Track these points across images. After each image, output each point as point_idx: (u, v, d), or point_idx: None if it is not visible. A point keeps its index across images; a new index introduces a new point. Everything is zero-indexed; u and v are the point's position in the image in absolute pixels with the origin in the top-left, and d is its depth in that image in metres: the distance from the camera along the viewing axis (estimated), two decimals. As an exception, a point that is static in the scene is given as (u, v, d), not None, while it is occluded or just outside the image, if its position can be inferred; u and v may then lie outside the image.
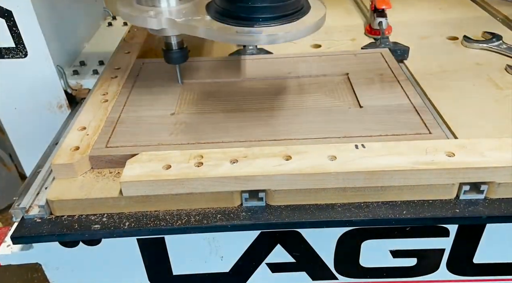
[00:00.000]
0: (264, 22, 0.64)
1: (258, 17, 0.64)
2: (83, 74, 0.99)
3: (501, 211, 0.61)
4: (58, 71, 0.94)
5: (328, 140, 0.67)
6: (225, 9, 0.66)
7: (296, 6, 0.67)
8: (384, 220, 0.61)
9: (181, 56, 0.80)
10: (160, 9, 0.71)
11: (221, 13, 0.67)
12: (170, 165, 0.62)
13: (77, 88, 0.98)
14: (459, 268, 0.70)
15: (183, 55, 0.81)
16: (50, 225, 0.61)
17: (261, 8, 0.64)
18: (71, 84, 0.97)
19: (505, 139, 0.64)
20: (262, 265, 0.69)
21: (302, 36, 0.65)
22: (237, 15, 0.65)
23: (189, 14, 0.69)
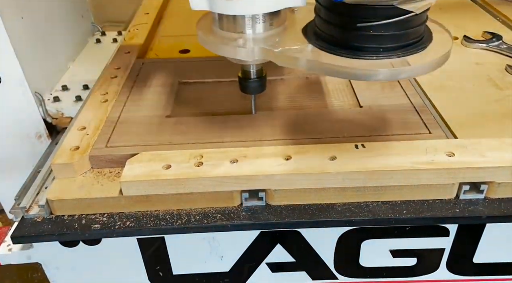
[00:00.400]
0: (385, 53, 0.53)
1: (378, 47, 0.53)
2: (64, 101, 0.90)
3: (501, 211, 0.61)
4: (35, 98, 0.85)
5: (328, 140, 0.67)
6: (334, 37, 0.55)
7: (421, 33, 0.55)
8: (384, 220, 0.61)
9: (260, 85, 0.70)
10: (249, 36, 0.60)
11: (327, 41, 0.56)
12: (170, 164, 0.62)
13: (58, 116, 0.88)
14: (459, 268, 0.70)
15: (261, 84, 0.70)
16: (50, 224, 0.61)
17: (384, 37, 0.52)
18: (51, 113, 0.88)
19: (505, 139, 0.64)
20: (262, 265, 0.69)
21: (430, 70, 0.53)
22: (350, 44, 0.53)
23: (286, 42, 0.58)
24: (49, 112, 0.88)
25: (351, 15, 0.52)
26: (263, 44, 0.59)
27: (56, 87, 0.95)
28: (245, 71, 0.68)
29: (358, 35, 0.53)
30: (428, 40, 0.56)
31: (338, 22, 0.54)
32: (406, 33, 0.53)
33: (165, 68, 0.91)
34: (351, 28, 0.52)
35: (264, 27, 0.59)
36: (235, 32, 0.60)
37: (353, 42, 0.53)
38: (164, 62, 0.96)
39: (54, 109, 0.89)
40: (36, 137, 0.88)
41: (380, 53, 0.53)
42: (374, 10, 0.51)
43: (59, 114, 0.89)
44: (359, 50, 0.53)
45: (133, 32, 1.08)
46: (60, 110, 0.89)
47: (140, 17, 1.18)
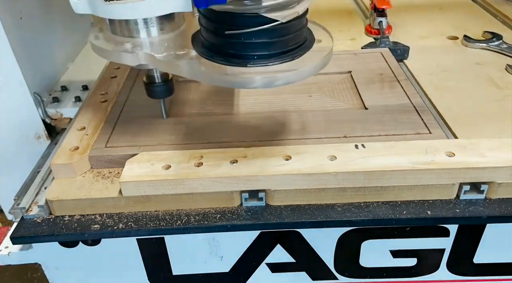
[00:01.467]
0: (259, 60, 0.53)
1: (252, 55, 0.53)
2: (64, 102, 0.89)
3: (501, 211, 0.60)
4: (34, 99, 0.84)
5: (328, 140, 0.67)
6: (212, 43, 0.55)
7: (298, 40, 0.55)
8: (384, 220, 0.60)
9: (165, 90, 0.69)
10: (138, 40, 0.59)
11: (208, 48, 0.56)
12: (170, 165, 0.62)
13: (57, 117, 0.87)
14: (459, 268, 0.70)
15: (167, 89, 0.69)
16: (50, 225, 0.61)
17: (257, 45, 0.52)
18: (50, 113, 0.87)
19: (505, 139, 0.64)
20: (262, 265, 0.69)
21: (305, 77, 0.54)
22: (227, 52, 0.54)
23: (172, 48, 0.58)
24: (48, 113, 0.88)
25: (220, 22, 0.52)
26: (149, 49, 0.58)
27: (55, 88, 0.95)
28: (150, 76, 0.68)
29: (231, 42, 0.53)
30: (308, 47, 0.56)
31: (212, 29, 0.54)
32: (279, 41, 0.53)
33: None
34: (221, 35, 0.52)
35: (150, 31, 0.59)
36: (124, 36, 0.60)
37: (227, 49, 0.54)
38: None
39: (53, 110, 0.88)
40: (36, 138, 0.87)
41: (255, 60, 0.53)
42: (240, 18, 0.51)
43: (58, 115, 0.88)
44: (234, 57, 0.53)
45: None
46: (59, 111, 0.88)
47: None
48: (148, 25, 0.59)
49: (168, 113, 0.77)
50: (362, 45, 1.00)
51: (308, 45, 0.57)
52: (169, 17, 0.59)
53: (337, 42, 1.04)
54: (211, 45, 0.56)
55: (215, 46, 0.55)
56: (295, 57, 0.54)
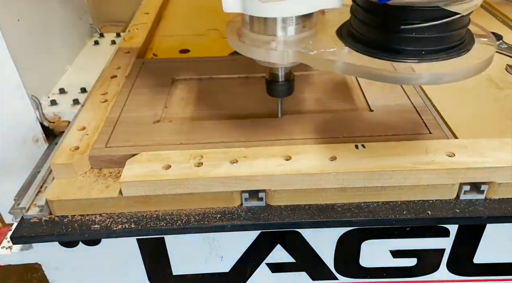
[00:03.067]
0: (427, 56, 0.51)
1: (420, 50, 0.51)
2: (62, 105, 0.88)
3: (501, 211, 0.60)
4: (32, 102, 0.84)
5: (328, 140, 0.67)
6: (372, 38, 0.53)
7: (462, 36, 0.53)
8: (384, 220, 0.60)
9: (287, 88, 0.68)
10: (282, 38, 0.58)
11: (364, 43, 0.54)
12: (170, 165, 0.62)
13: (55, 120, 0.87)
14: (459, 268, 0.70)
15: (289, 88, 0.68)
16: (50, 225, 0.61)
17: (427, 39, 0.50)
18: (48, 116, 0.87)
19: (505, 139, 0.64)
20: (262, 265, 0.69)
21: (471, 75, 0.51)
22: (390, 47, 0.52)
23: (320, 45, 0.57)
24: (46, 116, 0.87)
25: (394, 17, 0.50)
26: (297, 47, 0.57)
27: (53, 91, 0.94)
28: (274, 74, 0.67)
29: (400, 37, 0.51)
30: (470, 43, 0.54)
31: (378, 24, 0.52)
32: (449, 35, 0.51)
33: (164, 68, 0.91)
34: (393, 30, 0.50)
35: (297, 29, 0.58)
36: (267, 34, 0.59)
37: (394, 45, 0.52)
38: (164, 62, 0.96)
39: (51, 113, 0.88)
40: (33, 142, 0.86)
41: (421, 56, 0.51)
42: (419, 12, 0.49)
43: (57, 118, 0.88)
44: (399, 53, 0.52)
45: (133, 32, 1.08)
46: (58, 114, 0.88)
47: (140, 17, 1.18)
48: (292, 22, 0.58)
49: (168, 113, 0.77)
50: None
51: (470, 42, 0.54)
52: (310, 15, 0.59)
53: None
54: (370, 40, 0.54)
55: (376, 42, 0.53)
56: (461, 53, 0.52)
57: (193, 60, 0.96)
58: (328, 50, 0.56)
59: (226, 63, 0.93)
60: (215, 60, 0.96)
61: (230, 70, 0.90)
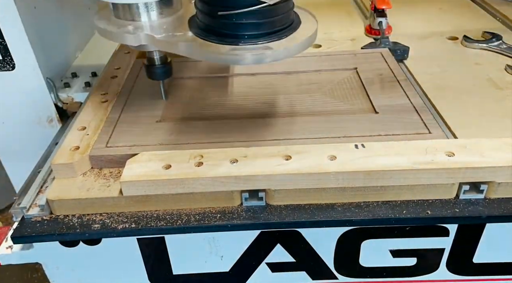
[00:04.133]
0: (250, 39, 0.59)
1: (243, 35, 0.59)
2: (74, 87, 0.93)
3: (501, 211, 0.61)
4: (47, 84, 0.88)
5: (328, 140, 0.67)
6: (207, 24, 0.61)
7: (285, 22, 0.61)
8: (384, 219, 0.61)
9: (164, 71, 0.76)
10: (139, 23, 0.66)
11: (203, 29, 0.62)
12: (170, 164, 0.62)
13: (68, 101, 0.92)
14: (459, 268, 0.70)
15: (166, 71, 0.76)
16: (50, 224, 0.61)
17: (246, 25, 0.58)
18: (62, 98, 0.91)
19: (505, 139, 0.64)
20: (262, 265, 0.69)
21: (291, 54, 0.60)
22: (220, 32, 0.60)
23: (170, 30, 0.64)
24: (60, 98, 0.92)
25: (214, 4, 0.58)
26: (149, 31, 0.64)
27: (67, 74, 0.99)
28: (150, 58, 0.74)
29: (223, 23, 0.59)
30: (295, 28, 0.62)
31: (206, 11, 0.60)
32: (268, 22, 0.59)
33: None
34: (215, 16, 0.58)
35: (151, 15, 0.65)
36: (126, 20, 0.66)
37: (221, 30, 0.59)
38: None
39: (65, 95, 0.92)
40: (48, 122, 0.91)
41: (245, 39, 0.59)
42: (231, 0, 0.56)
43: (70, 99, 0.92)
44: (227, 36, 0.59)
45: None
46: (71, 95, 0.93)
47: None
48: (148, 9, 0.65)
49: (168, 113, 0.77)
50: (362, 46, 1.00)
51: (294, 27, 0.62)
52: (167, 2, 0.66)
53: (337, 43, 1.05)
54: (206, 26, 0.61)
55: (209, 27, 0.61)
56: (282, 37, 0.60)
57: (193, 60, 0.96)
58: (175, 33, 0.63)
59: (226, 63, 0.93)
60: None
61: (230, 69, 0.90)
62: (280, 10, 0.59)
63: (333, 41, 1.05)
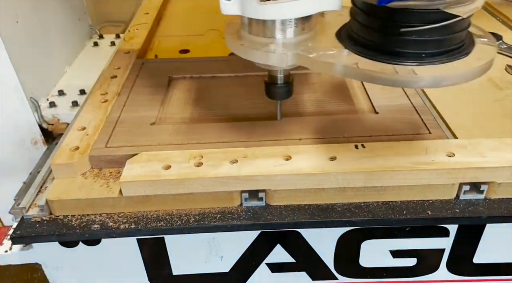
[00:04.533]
0: (428, 58, 0.51)
1: (420, 53, 0.51)
2: (61, 107, 0.88)
3: (501, 211, 0.61)
4: (31, 104, 0.84)
5: (328, 141, 0.67)
6: (372, 41, 0.53)
7: (463, 38, 0.53)
8: (384, 220, 0.61)
9: (286, 91, 0.68)
10: (280, 40, 0.57)
11: (364, 46, 0.54)
12: (170, 165, 0.62)
13: (54, 122, 0.87)
14: (459, 268, 0.70)
15: (288, 91, 0.68)
16: (50, 225, 0.61)
17: (427, 42, 0.50)
18: (47, 118, 0.87)
19: (505, 139, 0.64)
20: (262, 265, 0.69)
21: (472, 78, 0.52)
22: (390, 50, 0.51)
23: (319, 47, 0.56)
24: (44, 118, 0.87)
25: (394, 20, 0.50)
26: (296, 49, 0.56)
27: (52, 92, 0.94)
28: (272, 76, 0.66)
29: (400, 40, 0.51)
30: (471, 45, 0.54)
31: (378, 27, 0.52)
32: (450, 38, 0.51)
33: (164, 68, 0.91)
34: (393, 33, 0.50)
35: (296, 31, 0.57)
36: (266, 37, 0.58)
37: (394, 48, 0.51)
38: (164, 62, 0.96)
39: (50, 115, 0.87)
40: (32, 144, 0.86)
41: (422, 59, 0.51)
42: (419, 15, 0.49)
43: (55, 120, 0.88)
44: (400, 55, 0.51)
45: (133, 32, 1.08)
46: (56, 116, 0.88)
47: (140, 17, 1.18)
48: (291, 25, 0.57)
49: (168, 113, 0.77)
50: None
51: (471, 44, 0.54)
52: (309, 17, 0.58)
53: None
54: (370, 42, 0.53)
55: (376, 44, 0.53)
56: (461, 56, 0.52)
57: (193, 60, 0.96)
58: (327, 52, 0.55)
59: (226, 63, 0.93)
60: (215, 60, 0.96)
61: (230, 70, 0.90)
62: (463, 25, 0.51)
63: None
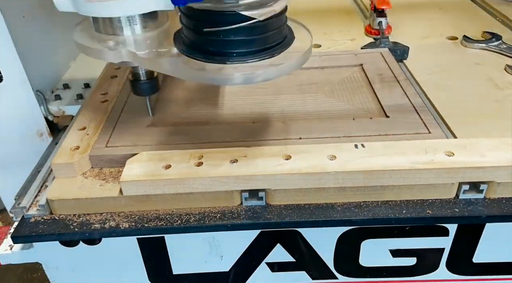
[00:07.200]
0: (238, 57, 0.54)
1: (231, 53, 0.54)
2: (66, 100, 0.89)
3: (501, 211, 0.61)
4: (37, 96, 0.85)
5: (328, 140, 0.67)
6: (193, 41, 0.56)
7: (277, 38, 0.56)
8: (384, 219, 0.61)
9: (150, 87, 0.69)
10: (121, 38, 0.59)
11: (189, 46, 0.57)
12: (170, 164, 0.62)
13: (59, 115, 0.88)
14: (458, 268, 0.70)
15: (152, 86, 0.69)
16: (50, 224, 0.61)
17: (235, 42, 0.53)
18: (53, 111, 0.88)
19: (505, 139, 0.64)
20: (262, 265, 0.69)
21: (283, 73, 0.55)
22: (207, 49, 0.54)
23: (154, 46, 0.58)
24: (50, 111, 0.88)
25: (199, 20, 0.53)
26: (132, 47, 0.58)
27: (58, 86, 0.95)
28: (135, 73, 0.68)
29: (210, 40, 0.53)
30: (288, 44, 0.57)
31: (191, 27, 0.55)
32: (258, 39, 0.54)
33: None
34: (201, 32, 0.53)
35: (134, 29, 0.59)
36: (107, 34, 0.60)
37: (207, 47, 0.54)
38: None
39: (56, 108, 0.89)
40: (38, 136, 0.88)
41: (233, 58, 0.53)
42: (218, 16, 0.52)
43: (61, 112, 0.89)
44: (213, 54, 0.54)
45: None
46: (62, 108, 0.89)
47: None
48: (131, 23, 0.59)
49: (168, 113, 0.77)
50: (362, 46, 1.01)
51: (287, 43, 0.57)
52: (152, 15, 0.60)
53: (337, 43, 1.05)
54: (191, 42, 0.56)
55: (195, 44, 0.56)
56: (274, 55, 0.55)
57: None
58: (159, 50, 0.57)
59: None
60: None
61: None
62: (272, 26, 0.55)
63: (333, 41, 1.05)
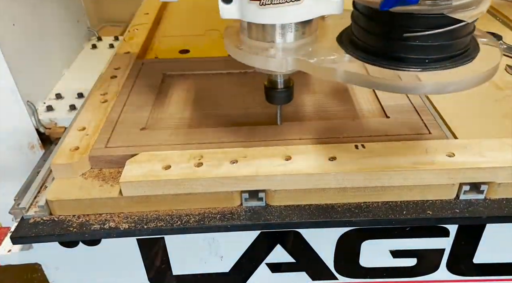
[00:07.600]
0: (431, 64, 0.49)
1: (423, 58, 0.49)
2: (58, 110, 0.87)
3: (501, 211, 0.61)
4: (28, 107, 0.82)
5: (328, 141, 0.67)
6: (374, 46, 0.52)
7: (467, 43, 0.51)
8: (384, 220, 0.60)
9: (286, 96, 0.66)
10: (280, 45, 0.56)
11: (366, 51, 0.52)
12: (170, 165, 0.62)
13: (51, 126, 0.85)
14: (459, 268, 0.70)
15: (288, 95, 0.66)
16: (50, 225, 0.61)
17: (431, 47, 0.49)
18: (44, 122, 0.85)
19: (505, 139, 0.64)
20: (262, 265, 0.69)
21: (476, 84, 0.49)
22: (393, 55, 0.50)
23: (320, 52, 0.55)
24: (42, 122, 0.85)
25: (397, 25, 0.49)
26: (296, 54, 0.56)
27: (50, 96, 0.92)
28: (272, 81, 0.65)
29: (403, 45, 0.49)
30: (475, 50, 0.52)
31: (381, 32, 0.51)
32: (454, 43, 0.50)
33: (164, 69, 0.91)
34: (396, 38, 0.49)
35: (296, 36, 0.56)
36: (265, 41, 0.57)
37: (397, 53, 0.50)
38: (163, 62, 0.96)
39: (47, 119, 0.86)
40: (29, 148, 0.85)
41: (425, 64, 0.50)
42: (422, 19, 0.48)
43: (52, 124, 0.86)
44: (402, 61, 0.50)
45: (133, 32, 1.08)
46: (54, 120, 0.86)
47: (140, 17, 1.18)
48: (291, 29, 0.56)
49: (168, 113, 0.77)
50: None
51: (475, 49, 0.53)
52: (309, 21, 0.56)
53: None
54: (372, 48, 0.52)
55: (378, 49, 0.52)
56: (465, 62, 0.50)
57: (193, 60, 0.96)
58: (328, 57, 0.54)
59: (226, 63, 0.93)
60: (215, 60, 0.96)
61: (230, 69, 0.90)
62: (467, 30, 0.50)
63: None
